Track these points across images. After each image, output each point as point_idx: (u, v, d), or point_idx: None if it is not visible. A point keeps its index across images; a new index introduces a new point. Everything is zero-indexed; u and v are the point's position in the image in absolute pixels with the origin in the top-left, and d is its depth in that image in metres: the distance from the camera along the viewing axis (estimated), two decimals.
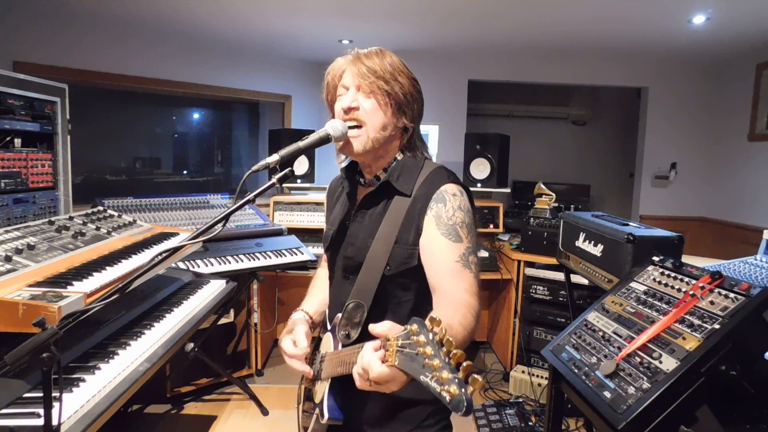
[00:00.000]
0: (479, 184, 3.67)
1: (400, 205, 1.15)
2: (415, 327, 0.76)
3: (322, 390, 1.18)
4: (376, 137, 1.14)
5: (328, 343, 1.24)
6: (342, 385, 1.15)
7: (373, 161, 1.21)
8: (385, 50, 1.18)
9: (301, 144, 1.09)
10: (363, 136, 1.14)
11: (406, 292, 1.17)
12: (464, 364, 0.67)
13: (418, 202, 1.14)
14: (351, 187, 1.29)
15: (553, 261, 2.73)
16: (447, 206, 1.12)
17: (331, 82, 1.21)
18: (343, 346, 1.14)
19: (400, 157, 1.21)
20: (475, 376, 0.66)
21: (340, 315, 1.18)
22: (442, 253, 1.10)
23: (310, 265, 3.04)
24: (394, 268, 1.13)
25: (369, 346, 0.84)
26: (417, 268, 1.13)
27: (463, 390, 0.64)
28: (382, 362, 0.79)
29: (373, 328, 0.85)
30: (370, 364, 0.81)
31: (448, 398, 0.65)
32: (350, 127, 1.14)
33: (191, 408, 2.89)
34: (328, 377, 1.16)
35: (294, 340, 1.22)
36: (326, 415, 1.12)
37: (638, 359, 1.16)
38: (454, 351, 0.69)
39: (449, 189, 1.14)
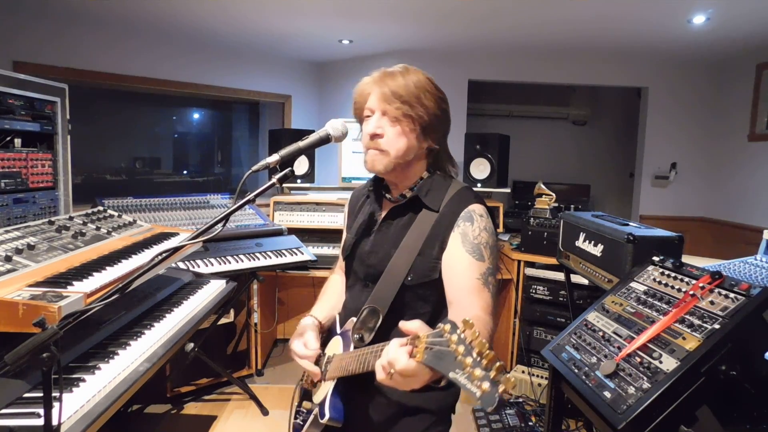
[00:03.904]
0: (479, 184, 3.66)
1: (426, 218, 1.18)
2: (447, 327, 0.78)
3: (324, 390, 1.18)
4: (398, 162, 1.16)
5: (336, 346, 1.25)
6: (346, 387, 1.15)
7: (399, 180, 1.23)
8: (410, 68, 1.18)
9: (301, 144, 1.10)
10: (386, 160, 1.16)
11: (424, 304, 1.18)
12: (497, 364, 0.69)
13: (445, 217, 1.16)
14: (377, 199, 1.31)
15: (553, 261, 2.72)
16: (474, 225, 1.14)
17: (359, 101, 1.22)
18: (356, 348, 1.15)
19: (426, 176, 1.23)
20: (507, 375, 0.67)
21: (354, 319, 1.19)
22: (464, 269, 1.12)
23: (310, 265, 3.04)
24: (416, 279, 1.15)
25: (395, 341, 0.86)
26: (437, 282, 1.15)
27: (494, 388, 0.67)
28: (410, 357, 0.81)
29: (404, 324, 0.87)
30: (397, 357, 0.83)
31: (478, 394, 0.67)
32: (373, 149, 1.16)
33: (191, 408, 2.89)
34: (334, 378, 1.16)
35: (305, 342, 1.23)
36: (327, 415, 1.12)
37: (638, 359, 1.16)
38: (486, 352, 0.71)
39: (477, 209, 1.17)
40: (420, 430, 1.18)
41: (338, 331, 1.29)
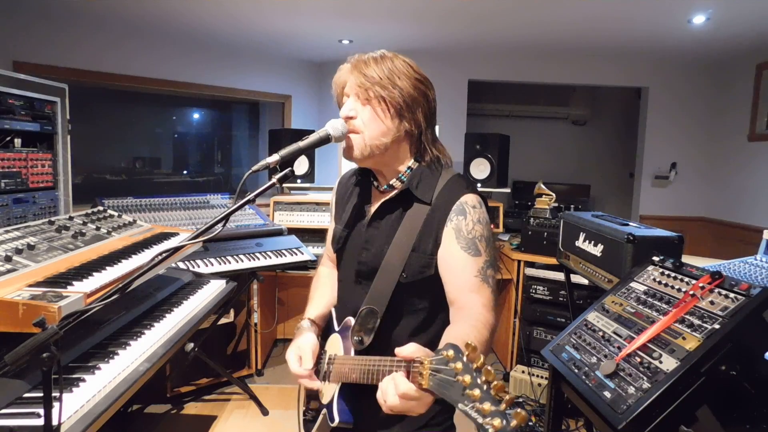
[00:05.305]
0: (479, 184, 3.66)
1: (418, 212, 1.15)
2: (451, 353, 0.76)
3: (330, 392, 1.18)
4: (374, 144, 1.13)
5: (336, 344, 1.24)
6: (352, 387, 1.15)
7: (383, 166, 1.20)
8: (388, 54, 1.16)
9: (301, 144, 1.09)
10: (360, 143, 1.14)
11: (421, 300, 1.17)
12: (507, 397, 0.67)
13: (437, 211, 1.13)
14: (366, 189, 1.28)
15: (553, 261, 2.72)
16: (467, 219, 1.11)
17: (336, 91, 1.22)
18: (356, 351, 1.14)
19: (414, 165, 1.20)
20: (519, 410, 0.65)
21: (352, 319, 1.18)
22: (461, 267, 1.10)
23: (310, 265, 3.05)
24: (410, 276, 1.13)
25: (399, 377, 0.85)
26: (433, 277, 1.13)
27: (505, 423, 0.64)
28: (414, 384, 0.81)
29: (399, 351, 0.86)
30: (406, 390, 0.82)
31: (491, 430, 0.65)
32: (349, 134, 1.14)
33: (191, 408, 2.89)
34: (339, 381, 1.16)
35: (300, 356, 1.21)
36: (337, 419, 1.11)
37: (638, 359, 1.16)
38: (495, 382, 0.68)
39: (469, 200, 1.13)
40: (428, 417, 1.18)
41: (336, 328, 1.27)
